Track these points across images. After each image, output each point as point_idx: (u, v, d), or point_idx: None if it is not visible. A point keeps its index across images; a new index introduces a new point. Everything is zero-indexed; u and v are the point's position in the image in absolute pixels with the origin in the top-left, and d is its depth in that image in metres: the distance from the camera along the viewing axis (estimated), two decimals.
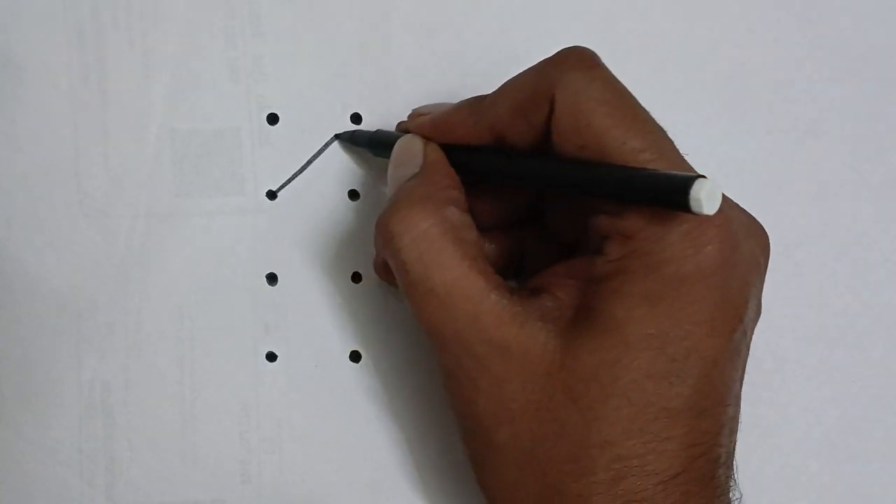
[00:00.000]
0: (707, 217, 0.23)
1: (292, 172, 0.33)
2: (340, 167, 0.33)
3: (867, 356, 0.35)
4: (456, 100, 0.33)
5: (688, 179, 0.22)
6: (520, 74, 0.27)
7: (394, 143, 0.30)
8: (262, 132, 0.33)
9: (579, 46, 0.27)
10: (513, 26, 0.33)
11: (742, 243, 0.25)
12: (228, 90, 0.33)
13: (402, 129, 0.31)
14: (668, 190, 0.23)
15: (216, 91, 0.33)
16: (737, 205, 0.27)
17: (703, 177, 0.22)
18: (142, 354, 0.33)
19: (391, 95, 0.33)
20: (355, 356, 0.34)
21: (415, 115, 0.31)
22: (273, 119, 0.33)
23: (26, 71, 0.33)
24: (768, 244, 0.27)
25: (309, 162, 0.33)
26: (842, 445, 0.34)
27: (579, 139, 0.25)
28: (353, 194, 0.33)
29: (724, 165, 0.34)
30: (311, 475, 0.33)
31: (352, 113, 0.33)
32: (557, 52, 0.27)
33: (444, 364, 0.26)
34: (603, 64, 0.26)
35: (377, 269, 0.31)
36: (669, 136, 0.26)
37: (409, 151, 0.29)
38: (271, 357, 0.34)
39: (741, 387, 0.27)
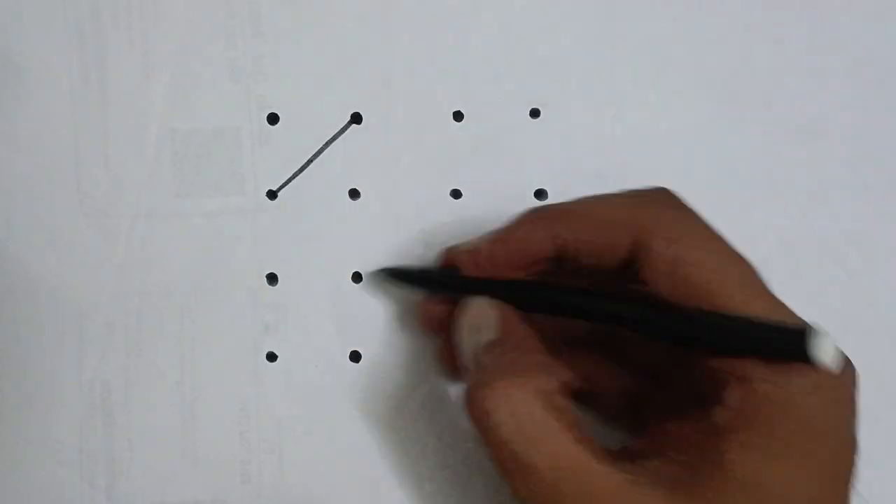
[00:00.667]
0: (824, 370, 0.22)
1: (292, 172, 0.33)
2: (340, 167, 0.33)
3: (867, 356, 0.34)
4: (456, 103, 0.33)
5: (803, 332, 0.22)
6: (605, 198, 0.27)
7: (439, 279, 0.29)
8: (262, 132, 0.33)
9: (668, 190, 0.26)
10: (513, 26, 0.33)
11: (853, 392, 0.24)
12: (228, 90, 0.33)
13: (449, 262, 0.30)
14: (790, 342, 0.22)
15: (216, 91, 0.33)
16: None
17: (812, 328, 0.22)
18: (142, 354, 0.33)
19: (391, 95, 0.33)
20: (355, 356, 0.34)
21: (463, 250, 0.29)
22: (273, 119, 0.33)
23: (26, 71, 0.33)
24: (859, 389, 0.26)
25: (309, 162, 0.33)
26: None
27: (680, 282, 0.24)
28: (354, 194, 0.33)
29: (723, 165, 0.34)
30: (311, 475, 0.33)
31: (352, 112, 0.33)
32: (649, 191, 0.26)
33: None
34: (694, 209, 0.26)
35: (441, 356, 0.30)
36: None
37: (483, 317, 0.27)
38: (271, 357, 0.34)
39: None
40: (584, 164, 0.34)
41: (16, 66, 0.33)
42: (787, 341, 0.22)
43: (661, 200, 0.26)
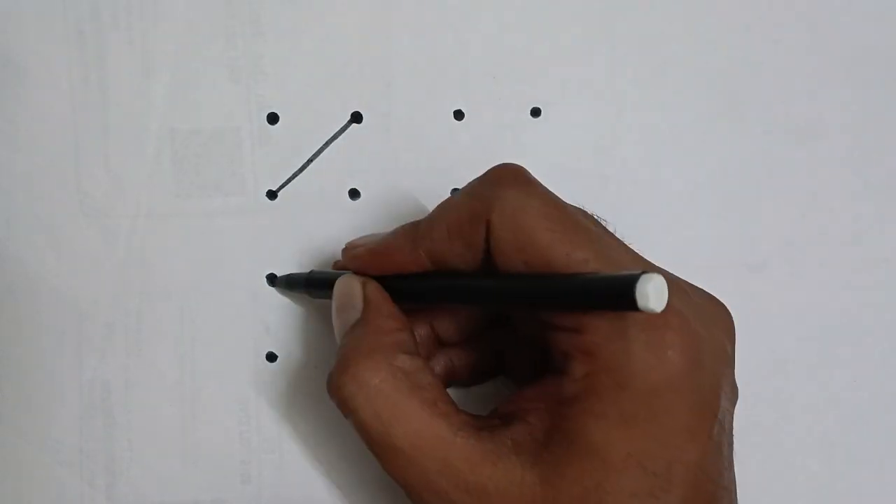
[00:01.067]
0: (664, 321, 0.23)
1: (292, 172, 0.33)
2: (340, 167, 0.33)
3: (867, 356, 0.34)
4: (456, 103, 0.33)
5: (632, 277, 0.21)
6: (452, 197, 0.27)
7: (332, 284, 0.29)
8: (262, 132, 0.33)
9: (510, 164, 0.26)
10: (513, 26, 0.33)
11: (705, 339, 0.24)
12: (228, 90, 0.33)
13: (339, 266, 0.31)
14: (614, 289, 0.22)
15: (216, 91, 0.33)
16: (695, 289, 0.26)
17: (647, 272, 0.21)
18: (142, 354, 0.33)
19: (391, 95, 0.33)
20: None
21: (350, 248, 0.30)
22: (273, 119, 0.33)
23: (26, 71, 0.33)
24: (732, 325, 0.27)
25: (309, 162, 0.33)
26: (842, 445, 0.34)
27: (522, 255, 0.25)
28: (354, 194, 0.33)
29: (723, 165, 0.34)
30: (311, 475, 0.33)
31: (352, 112, 0.33)
32: (488, 171, 0.26)
33: None
34: (536, 179, 0.26)
35: None
36: (616, 236, 0.26)
37: (348, 294, 0.29)
38: (271, 357, 0.34)
39: (732, 472, 0.26)
40: (584, 164, 0.34)
41: (16, 66, 0.33)
42: (617, 289, 0.22)
43: (501, 179, 0.26)
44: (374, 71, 0.33)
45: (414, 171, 0.33)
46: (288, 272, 0.33)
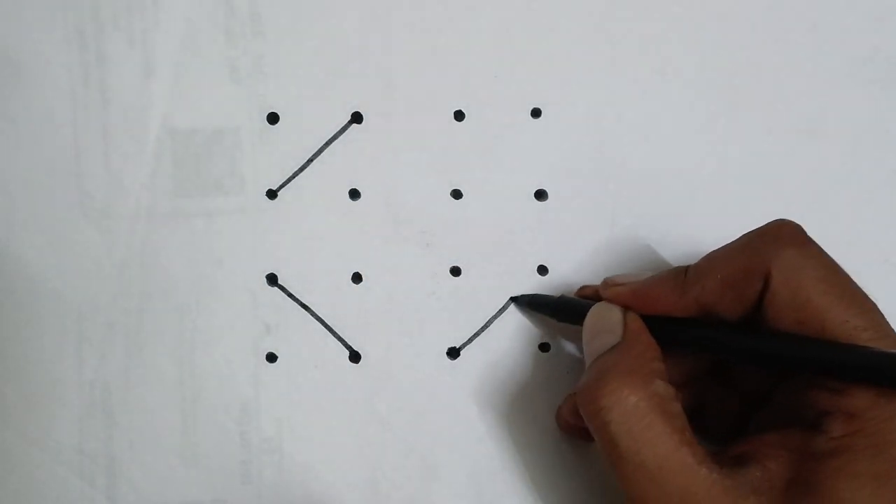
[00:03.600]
0: None
1: (292, 172, 0.33)
2: (340, 167, 0.33)
3: None
4: (456, 103, 0.33)
5: None
6: (728, 247, 0.28)
7: (582, 310, 0.30)
8: (262, 132, 0.33)
9: (788, 221, 0.27)
10: (513, 26, 0.33)
11: None
12: (229, 90, 0.33)
13: (586, 294, 0.32)
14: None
15: (216, 91, 0.33)
16: None
17: None
18: (142, 354, 0.33)
19: (391, 95, 0.33)
20: (355, 356, 0.34)
21: (609, 283, 0.30)
22: (273, 119, 0.33)
23: (27, 71, 0.33)
24: None
25: (309, 162, 0.33)
26: None
27: (798, 315, 0.26)
28: (354, 194, 0.33)
29: (724, 165, 0.34)
30: (311, 475, 0.33)
31: (352, 112, 0.33)
32: (767, 226, 0.27)
33: None
34: (813, 240, 0.27)
35: (560, 420, 0.31)
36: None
37: (607, 320, 0.29)
38: (271, 357, 0.34)
39: None
40: (584, 164, 0.34)
41: (16, 66, 0.33)
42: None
43: (781, 237, 0.27)
44: (374, 71, 0.33)
45: (414, 171, 0.33)
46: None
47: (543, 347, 0.34)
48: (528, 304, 0.33)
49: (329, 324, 0.33)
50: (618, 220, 0.34)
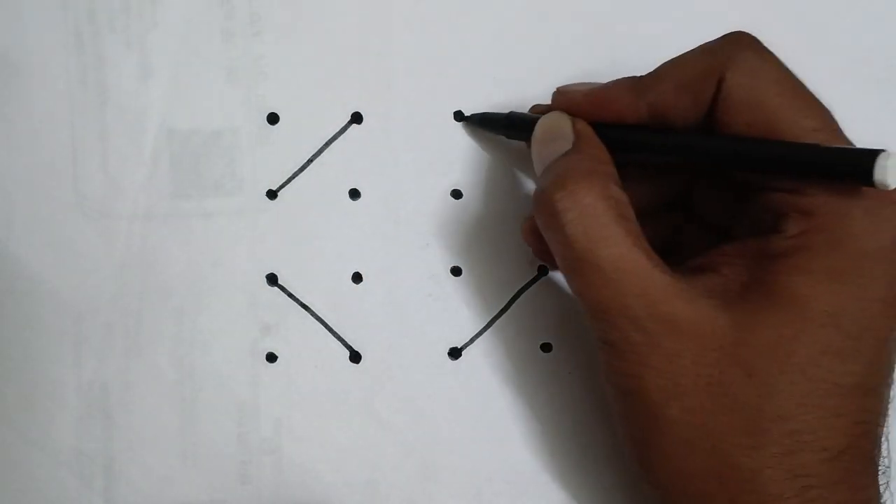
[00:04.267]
0: (886, 195, 0.24)
1: (292, 172, 0.33)
2: (340, 167, 0.33)
3: None
4: (452, 99, 0.33)
5: (873, 153, 0.23)
6: (684, 54, 0.27)
7: (532, 124, 0.30)
8: (262, 132, 0.33)
9: (746, 32, 0.27)
10: (513, 26, 0.34)
11: None
12: (228, 90, 0.33)
13: (539, 111, 0.31)
14: (853, 163, 0.23)
15: (215, 91, 0.33)
16: None
17: (883, 150, 0.23)
18: (141, 355, 0.33)
19: (391, 95, 0.33)
20: (356, 356, 0.34)
21: (562, 91, 0.30)
22: (273, 119, 0.33)
23: (24, 72, 0.33)
24: None
25: (309, 162, 0.33)
26: None
27: (750, 117, 0.25)
28: (354, 194, 0.33)
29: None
30: (311, 475, 0.33)
31: (352, 112, 0.33)
32: (725, 35, 0.27)
33: (608, 340, 0.26)
34: (769, 50, 0.27)
35: (525, 234, 0.30)
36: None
37: (557, 128, 0.29)
38: (271, 357, 0.34)
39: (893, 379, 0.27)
40: None
41: (14, 66, 0.33)
42: (855, 163, 0.23)
43: (738, 41, 0.27)
44: (374, 71, 0.33)
45: (414, 171, 0.33)
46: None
47: (545, 348, 0.34)
48: (479, 122, 0.33)
49: (329, 324, 0.33)
50: None
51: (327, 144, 0.33)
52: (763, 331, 0.25)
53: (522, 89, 0.34)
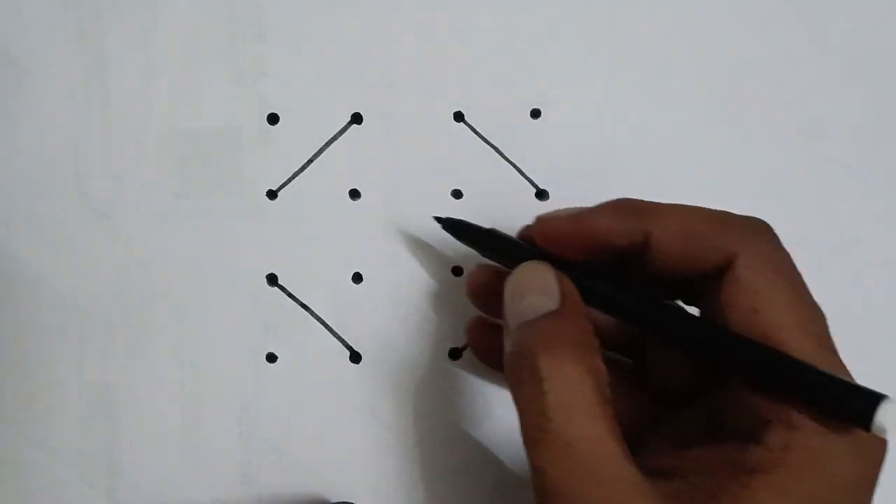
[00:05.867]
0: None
1: (292, 172, 0.33)
2: (340, 167, 0.33)
3: (868, 356, 0.34)
4: (452, 100, 0.33)
5: (876, 396, 0.21)
6: (699, 209, 0.26)
7: (509, 250, 0.28)
8: (263, 132, 0.33)
9: (766, 222, 0.26)
10: (514, 27, 0.34)
11: (882, 455, 0.24)
12: (229, 90, 0.33)
13: (526, 235, 0.29)
14: (853, 401, 0.22)
15: (217, 91, 0.33)
16: None
17: (886, 396, 0.21)
18: (143, 355, 0.33)
19: (391, 95, 0.33)
20: (355, 356, 0.34)
21: (546, 216, 0.27)
22: (273, 119, 0.33)
23: (28, 71, 0.33)
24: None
25: (309, 162, 0.33)
26: None
27: (756, 306, 0.24)
28: (354, 194, 0.34)
29: (724, 166, 0.34)
30: (311, 475, 0.33)
31: (352, 113, 0.33)
32: (747, 217, 0.26)
33: None
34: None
35: (468, 331, 0.30)
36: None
37: (541, 281, 0.26)
38: (271, 358, 0.34)
39: None
40: (584, 164, 0.34)
41: (17, 66, 0.33)
42: (854, 401, 0.22)
43: (759, 229, 0.25)
44: (374, 71, 0.33)
45: (414, 172, 0.33)
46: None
47: None
48: (452, 227, 0.31)
49: (329, 324, 0.33)
50: None
51: (327, 144, 0.33)
52: None
53: (522, 90, 0.34)
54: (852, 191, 0.34)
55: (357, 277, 0.34)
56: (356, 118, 0.33)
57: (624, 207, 0.26)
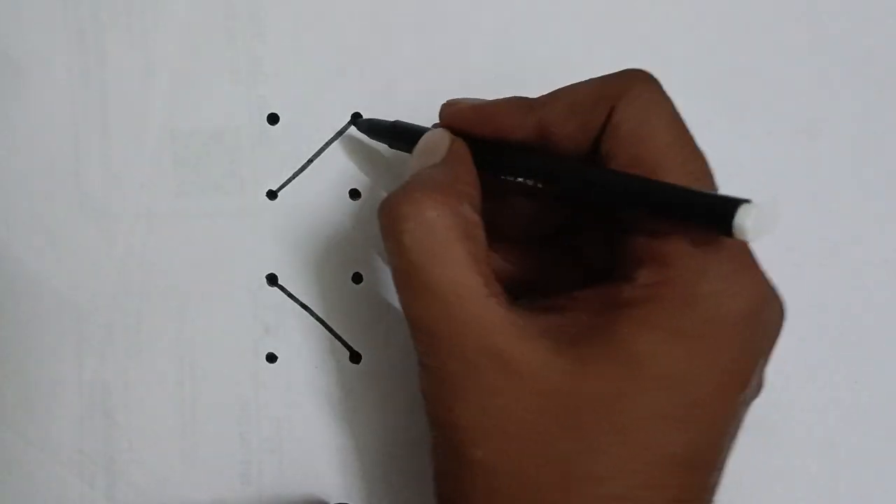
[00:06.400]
0: (750, 263, 0.22)
1: (292, 172, 0.33)
2: (340, 167, 0.33)
3: (868, 356, 0.34)
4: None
5: (736, 201, 0.21)
6: (581, 81, 0.26)
7: (417, 136, 0.29)
8: (262, 132, 0.33)
9: (646, 70, 0.26)
10: (513, 26, 0.34)
11: (769, 305, 0.24)
12: (229, 90, 0.33)
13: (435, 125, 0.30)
14: (715, 208, 0.22)
15: (216, 91, 0.33)
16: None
17: (753, 202, 0.21)
18: (142, 355, 0.33)
19: (391, 95, 0.33)
20: (355, 356, 0.34)
21: (451, 103, 0.28)
22: (273, 119, 0.33)
23: (27, 71, 0.33)
24: (783, 318, 0.25)
25: (309, 162, 0.33)
26: (842, 446, 0.34)
27: (635, 150, 0.24)
28: (354, 194, 0.34)
29: (724, 166, 0.34)
30: (311, 475, 0.33)
31: (352, 113, 0.33)
32: (624, 70, 0.26)
33: (427, 364, 0.24)
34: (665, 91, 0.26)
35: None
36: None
37: (435, 142, 0.27)
38: (271, 358, 0.34)
39: (726, 456, 0.25)
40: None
41: (16, 66, 0.33)
42: (715, 206, 0.22)
43: (635, 78, 0.25)
44: (374, 71, 0.33)
45: None
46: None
47: None
48: (368, 128, 0.32)
49: (329, 324, 0.33)
50: None
51: (327, 144, 0.33)
52: (592, 383, 0.23)
53: (523, 90, 0.33)
54: (852, 191, 0.34)
55: (357, 277, 0.34)
56: (356, 118, 0.33)
57: (516, 101, 0.27)
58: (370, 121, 0.32)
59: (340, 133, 0.33)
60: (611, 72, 0.26)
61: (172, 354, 0.33)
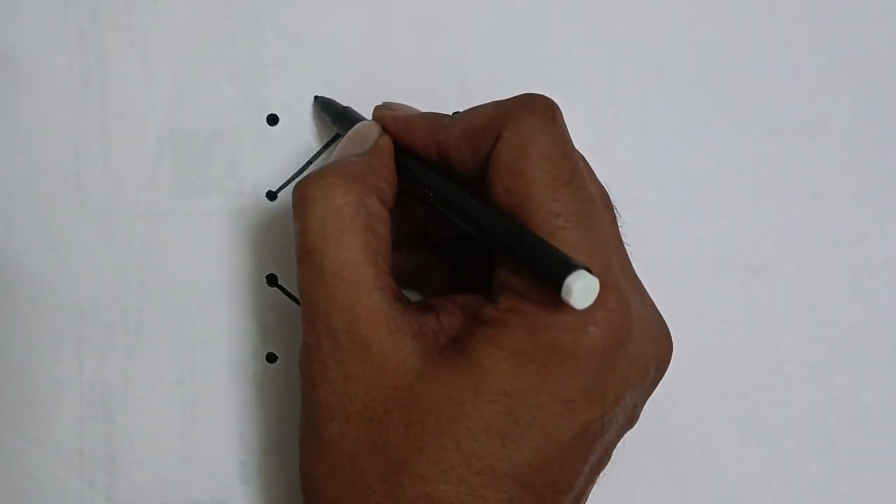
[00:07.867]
0: (604, 301, 0.23)
1: (292, 172, 0.33)
2: None
3: (868, 357, 0.34)
4: (451, 100, 0.33)
5: (568, 267, 0.22)
6: (483, 104, 0.27)
7: (354, 123, 0.30)
8: (262, 132, 0.33)
9: (545, 96, 0.26)
10: (513, 26, 0.34)
11: (634, 341, 0.24)
12: (228, 90, 0.33)
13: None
14: (549, 267, 0.23)
15: (216, 91, 0.33)
16: (653, 304, 0.27)
17: (586, 269, 0.22)
18: (142, 355, 0.33)
19: (391, 95, 0.33)
20: None
21: (383, 106, 0.30)
22: (273, 119, 0.33)
23: (27, 71, 0.33)
24: (668, 355, 0.27)
25: (309, 162, 0.33)
26: (842, 446, 0.34)
27: (509, 183, 0.25)
28: None
29: (724, 166, 0.34)
30: None
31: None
32: (523, 94, 0.26)
33: (305, 339, 0.26)
34: (562, 120, 0.26)
35: None
36: (609, 206, 0.27)
37: (364, 134, 0.29)
38: (271, 358, 0.34)
39: (586, 487, 0.26)
40: None
41: (16, 66, 0.33)
42: (549, 270, 0.23)
43: (524, 106, 0.26)
44: (375, 71, 0.33)
45: None
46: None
47: None
48: (323, 106, 0.33)
49: None
50: (618, 221, 0.34)
51: (327, 144, 0.33)
52: (436, 387, 0.24)
53: (523, 90, 0.33)
54: (852, 191, 0.34)
55: None
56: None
57: (430, 119, 0.28)
58: (326, 100, 0.33)
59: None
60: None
61: (172, 354, 0.33)
